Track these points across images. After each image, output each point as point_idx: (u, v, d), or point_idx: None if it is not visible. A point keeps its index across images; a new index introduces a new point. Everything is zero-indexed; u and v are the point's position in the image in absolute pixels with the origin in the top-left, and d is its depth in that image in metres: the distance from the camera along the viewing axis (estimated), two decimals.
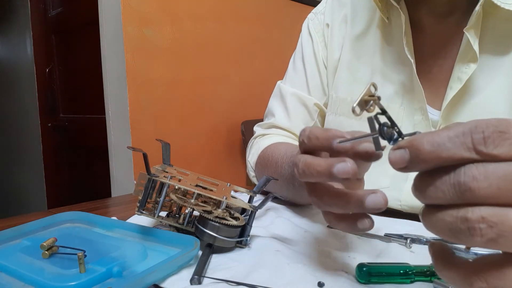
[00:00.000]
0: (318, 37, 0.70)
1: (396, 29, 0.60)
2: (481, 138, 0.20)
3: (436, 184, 0.22)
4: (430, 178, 0.22)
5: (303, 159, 0.32)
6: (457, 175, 0.21)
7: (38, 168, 2.37)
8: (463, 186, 0.20)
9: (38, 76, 2.29)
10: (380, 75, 0.62)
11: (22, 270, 0.35)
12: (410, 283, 0.36)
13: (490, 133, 0.20)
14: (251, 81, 2.07)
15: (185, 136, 1.80)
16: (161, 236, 0.43)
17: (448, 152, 0.21)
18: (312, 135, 0.33)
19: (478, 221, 0.20)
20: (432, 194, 0.22)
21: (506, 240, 0.20)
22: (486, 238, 0.20)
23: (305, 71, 0.71)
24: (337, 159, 0.29)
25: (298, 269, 0.38)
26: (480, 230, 0.20)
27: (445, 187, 0.21)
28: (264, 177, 0.49)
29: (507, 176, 0.20)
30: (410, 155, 0.22)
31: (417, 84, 0.57)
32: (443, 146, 0.21)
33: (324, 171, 0.29)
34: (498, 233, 0.20)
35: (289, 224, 0.52)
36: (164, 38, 1.68)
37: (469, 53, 0.53)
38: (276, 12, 2.19)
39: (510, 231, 0.20)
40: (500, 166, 0.20)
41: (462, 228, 0.20)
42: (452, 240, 0.21)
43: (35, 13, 2.27)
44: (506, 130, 0.20)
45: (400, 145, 0.23)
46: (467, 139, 0.21)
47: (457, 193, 0.21)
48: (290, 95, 0.70)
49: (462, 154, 0.21)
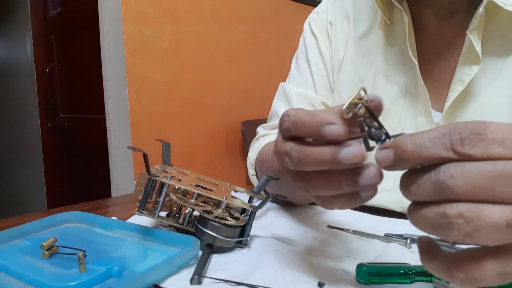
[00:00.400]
0: (322, 36, 0.69)
1: (398, 29, 0.60)
2: (458, 139, 0.22)
3: (419, 182, 0.23)
4: (414, 176, 0.23)
5: (296, 148, 0.29)
6: (437, 174, 0.22)
7: (38, 168, 2.37)
8: (442, 184, 0.22)
9: (38, 76, 2.29)
10: (383, 75, 0.62)
11: (22, 270, 0.35)
12: (410, 283, 0.36)
13: (467, 134, 0.22)
14: (251, 81, 2.07)
15: (185, 136, 1.80)
16: (161, 236, 0.43)
17: (429, 152, 0.22)
18: (299, 121, 0.29)
19: (456, 217, 0.21)
20: (415, 191, 0.23)
21: (482, 234, 0.21)
22: (463, 232, 0.21)
23: (311, 70, 0.70)
24: (337, 148, 0.27)
25: (298, 269, 0.38)
26: (458, 225, 0.21)
27: (427, 185, 0.23)
28: (264, 177, 0.49)
29: (482, 175, 0.21)
30: (395, 154, 0.24)
31: (421, 86, 0.56)
32: (424, 146, 0.23)
33: (329, 158, 0.26)
34: (475, 227, 0.21)
35: (289, 224, 0.52)
36: (164, 38, 1.68)
37: (472, 55, 0.53)
38: (276, 12, 2.19)
39: (485, 226, 0.21)
40: (476, 165, 0.21)
41: (442, 223, 0.22)
42: (433, 234, 0.23)
43: (35, 13, 2.27)
44: (482, 132, 0.22)
45: (386, 145, 0.25)
46: (446, 140, 0.22)
47: (437, 191, 0.22)
48: (296, 95, 0.69)
49: (441, 154, 0.22)
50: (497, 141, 0.21)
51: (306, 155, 0.28)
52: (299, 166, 0.28)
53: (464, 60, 0.55)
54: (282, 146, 0.30)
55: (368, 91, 0.32)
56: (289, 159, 0.29)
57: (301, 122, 0.28)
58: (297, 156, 0.28)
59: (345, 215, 0.57)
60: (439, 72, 0.58)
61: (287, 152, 0.29)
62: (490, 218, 0.21)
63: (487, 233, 0.21)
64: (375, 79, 0.62)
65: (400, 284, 0.36)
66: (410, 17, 0.57)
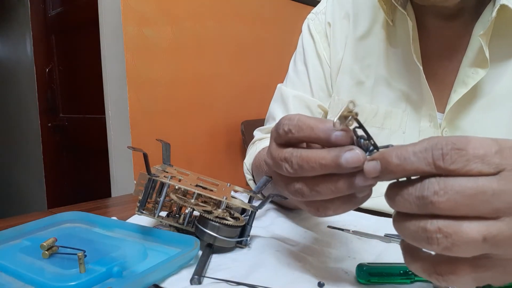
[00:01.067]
0: (320, 37, 0.68)
1: (401, 31, 0.59)
2: (439, 155, 0.23)
3: (404, 195, 0.24)
4: (399, 189, 0.25)
5: (297, 154, 0.29)
6: (421, 189, 0.23)
7: (38, 168, 2.37)
8: (426, 200, 0.23)
9: (38, 76, 2.29)
10: (383, 78, 0.61)
11: (22, 270, 0.35)
12: (410, 283, 0.36)
13: (448, 150, 0.22)
14: (251, 81, 2.07)
15: (185, 136, 1.80)
16: (161, 236, 0.43)
17: (412, 165, 0.24)
18: (304, 124, 0.29)
19: (435, 232, 0.23)
20: (400, 204, 0.25)
21: (459, 248, 0.22)
22: (442, 247, 0.22)
23: (308, 73, 0.69)
24: (340, 148, 0.27)
25: (298, 269, 0.38)
26: (437, 239, 0.22)
27: (411, 199, 0.24)
28: (264, 177, 0.49)
29: (464, 192, 0.22)
30: (381, 166, 0.25)
31: (426, 91, 0.56)
32: (408, 160, 0.24)
33: (330, 163, 0.27)
34: (452, 242, 0.22)
35: (289, 224, 0.52)
36: (164, 38, 1.68)
37: (478, 58, 0.52)
38: (276, 12, 2.19)
39: (462, 241, 0.22)
40: (458, 182, 0.22)
41: (422, 237, 0.23)
42: (415, 245, 0.25)
43: (35, 13, 2.27)
44: (463, 148, 0.22)
45: (373, 157, 0.26)
46: (428, 155, 0.23)
47: (420, 205, 0.23)
48: (292, 98, 0.68)
49: (423, 168, 0.23)
50: (478, 156, 0.22)
51: (307, 160, 0.28)
52: (299, 172, 0.29)
53: (468, 62, 0.54)
54: (279, 153, 0.30)
55: (368, 94, 0.32)
56: (288, 165, 0.29)
57: (307, 125, 0.29)
58: (297, 162, 0.28)
59: (345, 215, 0.56)
60: (443, 73, 0.57)
61: (286, 158, 0.29)
62: (467, 234, 0.22)
63: (464, 247, 0.22)
64: (375, 81, 0.62)
65: (400, 284, 0.36)
66: (415, 22, 0.56)
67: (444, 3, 0.51)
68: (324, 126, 0.28)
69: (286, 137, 0.30)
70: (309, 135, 0.29)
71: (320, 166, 0.27)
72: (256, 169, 0.63)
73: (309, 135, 0.29)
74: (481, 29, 0.53)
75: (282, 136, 0.30)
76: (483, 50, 0.51)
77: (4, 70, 2.58)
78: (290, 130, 0.30)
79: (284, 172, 0.30)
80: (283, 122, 0.30)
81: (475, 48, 0.53)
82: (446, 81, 0.57)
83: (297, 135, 0.29)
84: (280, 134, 0.30)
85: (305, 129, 0.29)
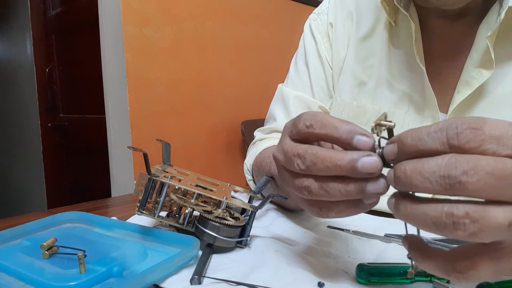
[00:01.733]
0: (322, 38, 0.68)
1: (403, 32, 0.59)
2: (454, 134, 0.22)
3: (424, 173, 0.23)
4: (416, 166, 0.23)
5: (312, 151, 0.28)
6: (448, 167, 0.22)
7: (38, 168, 2.37)
8: (453, 179, 0.22)
9: (38, 76, 2.29)
10: (385, 79, 0.61)
11: (22, 270, 0.35)
12: (410, 283, 0.36)
13: (464, 129, 0.22)
14: (251, 81, 2.07)
15: (185, 136, 1.80)
16: (161, 236, 0.43)
17: (426, 145, 0.23)
18: (328, 122, 0.28)
19: (463, 217, 0.21)
20: (418, 184, 0.23)
21: (485, 234, 0.22)
22: (469, 232, 0.21)
23: (309, 73, 0.69)
24: (358, 152, 0.27)
25: (298, 269, 0.38)
26: (464, 225, 0.21)
27: (434, 178, 0.22)
28: (264, 177, 0.49)
29: (494, 173, 0.21)
30: (398, 148, 0.25)
31: (429, 92, 0.55)
32: (422, 140, 0.23)
33: (346, 165, 0.26)
34: (480, 227, 0.21)
35: (289, 224, 0.52)
36: (164, 38, 1.68)
37: (483, 59, 0.52)
38: (276, 12, 2.19)
39: (489, 226, 0.21)
40: (487, 162, 0.21)
41: (447, 222, 0.22)
42: (433, 231, 0.23)
43: (35, 13, 2.27)
44: (479, 127, 0.22)
45: (391, 140, 0.26)
46: (442, 134, 0.23)
47: (445, 185, 0.22)
48: (293, 98, 0.68)
49: (437, 147, 0.23)
50: (494, 137, 0.22)
51: (322, 158, 0.27)
52: (311, 169, 0.28)
53: (472, 63, 0.54)
54: (293, 148, 0.29)
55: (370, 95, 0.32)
56: (301, 161, 0.28)
57: (331, 123, 0.28)
58: (311, 159, 0.28)
59: None
60: (446, 73, 0.57)
61: (299, 154, 0.29)
62: (495, 219, 0.21)
63: (490, 232, 0.22)
64: (377, 82, 0.61)
65: (400, 284, 0.36)
66: (417, 24, 0.56)
67: (448, 7, 0.51)
68: (349, 127, 0.28)
69: (305, 132, 0.30)
70: (331, 134, 0.28)
71: (335, 167, 0.27)
72: (257, 169, 0.62)
73: (331, 133, 0.28)
74: (486, 30, 0.52)
75: (301, 130, 0.30)
76: (489, 51, 0.50)
77: (4, 70, 2.58)
78: (311, 125, 0.29)
79: (294, 167, 0.29)
80: (305, 117, 0.30)
81: (480, 48, 0.53)
82: (449, 81, 0.57)
83: (318, 131, 0.29)
84: (300, 129, 0.30)
85: (328, 127, 0.28)
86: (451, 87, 0.56)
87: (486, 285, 0.32)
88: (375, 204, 0.29)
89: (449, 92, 0.57)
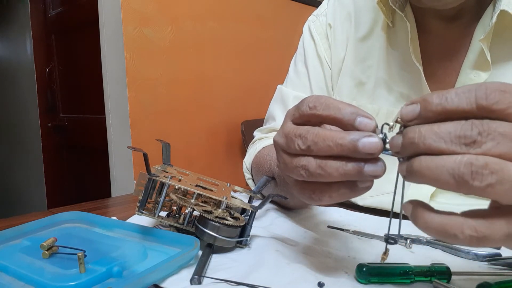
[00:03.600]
0: (321, 39, 0.68)
1: (401, 32, 0.59)
2: (483, 94, 0.23)
3: (440, 133, 0.23)
4: (433, 126, 0.24)
5: (313, 131, 0.29)
6: (464, 128, 0.23)
7: (38, 168, 2.37)
8: (468, 139, 0.22)
9: (38, 76, 2.29)
10: (384, 79, 0.61)
11: (22, 270, 0.35)
12: (410, 283, 0.36)
13: (492, 90, 0.23)
14: (251, 81, 2.07)
15: (185, 136, 1.80)
16: (161, 236, 0.43)
17: (453, 104, 0.23)
18: (332, 104, 0.29)
19: (482, 167, 0.22)
20: (433, 143, 0.23)
21: (502, 188, 0.22)
22: (486, 183, 0.22)
23: (308, 74, 0.69)
24: (361, 132, 0.27)
25: (298, 269, 0.38)
26: (482, 175, 0.22)
27: (449, 137, 0.23)
28: (264, 177, 0.49)
29: (507, 135, 0.22)
30: (421, 108, 0.25)
31: (427, 92, 0.55)
32: (449, 99, 0.24)
33: (347, 144, 0.27)
34: (498, 179, 0.22)
35: (289, 224, 0.52)
36: (164, 38, 1.68)
37: (479, 60, 0.52)
38: (276, 12, 2.19)
39: (508, 179, 0.22)
40: (502, 125, 0.22)
41: (465, 172, 0.22)
42: (446, 186, 0.23)
43: (35, 13, 2.27)
44: (507, 90, 0.23)
45: (413, 101, 0.26)
46: (471, 95, 0.23)
47: (460, 144, 0.23)
48: (293, 98, 0.69)
49: (464, 107, 0.23)
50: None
51: (324, 137, 0.28)
52: (312, 148, 0.29)
53: (469, 64, 0.54)
54: (294, 129, 0.30)
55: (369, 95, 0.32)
56: (302, 141, 0.29)
57: (334, 105, 0.29)
58: (312, 139, 0.28)
59: (345, 215, 0.57)
60: (443, 74, 0.57)
61: (301, 134, 0.29)
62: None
63: (508, 185, 0.22)
64: (376, 82, 0.62)
65: (400, 284, 0.36)
66: (413, 24, 0.56)
67: (441, 7, 0.51)
68: (352, 109, 0.28)
69: (308, 114, 0.30)
70: (334, 115, 0.29)
71: (336, 146, 0.27)
72: (256, 168, 0.63)
73: (334, 114, 0.29)
74: (481, 32, 0.52)
75: (304, 112, 0.30)
76: (484, 53, 0.51)
77: (4, 70, 2.58)
78: (315, 107, 0.30)
79: (295, 148, 0.30)
80: (309, 99, 0.31)
81: (476, 50, 0.53)
82: (446, 81, 0.57)
83: (321, 112, 0.29)
84: (303, 111, 0.31)
85: (331, 108, 0.29)
86: (448, 88, 0.56)
87: (486, 285, 0.32)
88: (368, 189, 0.29)
89: None
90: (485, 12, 0.53)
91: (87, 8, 1.84)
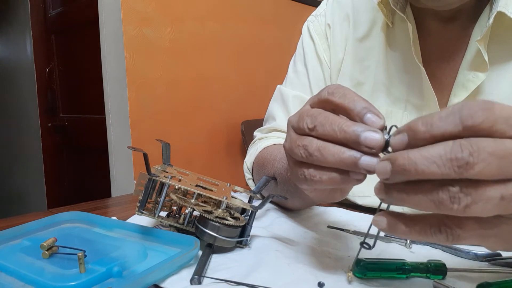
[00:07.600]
0: (320, 39, 0.68)
1: (400, 33, 0.59)
2: (468, 115, 0.23)
3: (431, 158, 0.23)
4: (422, 153, 0.24)
5: (324, 114, 0.30)
6: (455, 151, 0.23)
7: (38, 168, 2.37)
8: (461, 161, 0.23)
9: (38, 76, 2.28)
10: (383, 79, 0.61)
11: (22, 270, 0.35)
12: (405, 278, 0.36)
13: (477, 110, 0.23)
14: (251, 81, 2.07)
15: (185, 136, 1.80)
16: (161, 236, 0.43)
17: (439, 129, 0.24)
18: (349, 95, 0.31)
19: (457, 191, 0.23)
20: (425, 168, 0.24)
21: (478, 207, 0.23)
22: (463, 205, 0.23)
23: (308, 74, 0.69)
24: (367, 126, 0.28)
25: (298, 269, 0.38)
26: (459, 199, 0.23)
27: (441, 162, 0.23)
28: (264, 177, 0.49)
29: (495, 153, 0.22)
30: (408, 137, 0.25)
31: (429, 92, 0.56)
32: (434, 125, 0.24)
33: (350, 133, 0.28)
34: (473, 200, 0.23)
35: (289, 224, 0.52)
36: (164, 38, 1.68)
37: (477, 62, 0.53)
38: (276, 12, 2.19)
39: (481, 199, 0.23)
40: (488, 143, 0.23)
41: (444, 198, 0.23)
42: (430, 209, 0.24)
43: (35, 13, 2.27)
44: (490, 108, 0.23)
45: (399, 130, 0.26)
46: (455, 117, 0.23)
47: (454, 167, 0.23)
48: (292, 98, 0.69)
49: (451, 130, 0.23)
50: (503, 117, 0.23)
51: (331, 121, 0.30)
52: (318, 129, 0.30)
53: (467, 65, 0.54)
54: (309, 110, 0.32)
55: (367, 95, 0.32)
56: (311, 120, 0.31)
57: (351, 96, 0.31)
58: (321, 120, 0.30)
59: (345, 215, 0.57)
60: (442, 75, 0.58)
61: (313, 114, 0.31)
62: (488, 192, 0.23)
63: (483, 205, 0.23)
64: (374, 83, 0.62)
65: (396, 279, 0.36)
66: (414, 25, 0.56)
67: (440, 8, 0.51)
68: (365, 104, 0.30)
69: (325, 98, 0.32)
70: (347, 104, 0.30)
71: (340, 131, 0.29)
72: (258, 168, 0.63)
73: (347, 104, 0.30)
74: (479, 33, 0.53)
75: (322, 97, 0.32)
76: (482, 54, 0.51)
77: (4, 70, 2.58)
78: (333, 93, 0.31)
79: (302, 125, 0.31)
80: (331, 86, 0.32)
81: (473, 51, 0.53)
82: (444, 82, 0.57)
83: (336, 99, 0.31)
84: (321, 95, 0.32)
85: (347, 98, 0.30)
86: (446, 89, 0.57)
87: (486, 285, 0.32)
88: (359, 182, 0.30)
89: (444, 94, 0.57)
90: (482, 13, 0.54)
91: (87, 8, 1.83)
